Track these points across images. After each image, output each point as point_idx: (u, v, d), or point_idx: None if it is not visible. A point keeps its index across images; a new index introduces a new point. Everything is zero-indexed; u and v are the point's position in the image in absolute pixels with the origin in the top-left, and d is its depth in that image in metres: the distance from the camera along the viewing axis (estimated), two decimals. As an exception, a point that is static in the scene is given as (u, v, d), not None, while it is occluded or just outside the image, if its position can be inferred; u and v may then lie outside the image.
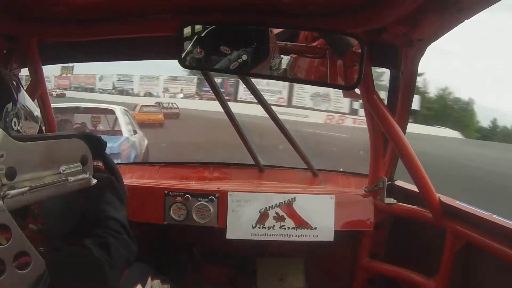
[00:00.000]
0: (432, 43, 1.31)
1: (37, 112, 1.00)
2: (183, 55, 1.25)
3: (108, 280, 0.91)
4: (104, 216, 0.99)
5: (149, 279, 1.27)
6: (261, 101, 2.01)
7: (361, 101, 1.50)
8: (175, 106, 21.38)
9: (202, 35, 1.25)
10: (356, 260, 1.86)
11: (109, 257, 0.92)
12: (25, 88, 1.56)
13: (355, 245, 1.86)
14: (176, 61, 1.26)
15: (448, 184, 3.58)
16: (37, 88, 1.59)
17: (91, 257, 0.93)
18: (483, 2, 1.06)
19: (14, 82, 0.92)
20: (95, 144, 1.15)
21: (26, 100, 0.93)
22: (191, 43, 1.25)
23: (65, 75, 30.60)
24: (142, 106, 19.16)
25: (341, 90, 1.47)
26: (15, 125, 0.87)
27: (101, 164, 1.13)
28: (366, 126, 1.71)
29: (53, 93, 24.36)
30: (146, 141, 8.21)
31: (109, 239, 0.95)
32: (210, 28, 1.25)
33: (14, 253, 0.71)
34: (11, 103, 0.88)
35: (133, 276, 1.20)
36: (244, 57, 1.21)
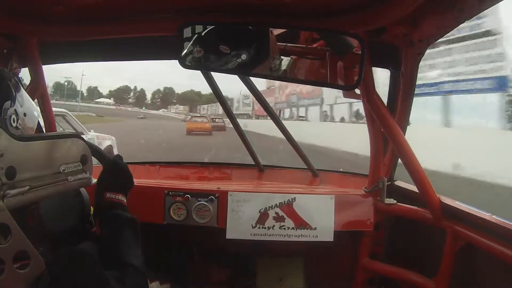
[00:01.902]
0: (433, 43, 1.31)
1: (36, 111, 0.99)
2: (183, 55, 1.25)
3: None
4: (123, 263, 0.98)
5: (147, 282, 1.27)
6: (261, 101, 2.01)
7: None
8: (222, 120, 24.04)
9: (202, 34, 1.25)
10: (356, 260, 1.86)
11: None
12: (25, 88, 1.57)
13: (355, 246, 1.86)
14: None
15: None
16: (37, 88, 1.59)
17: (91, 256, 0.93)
18: (483, 2, 1.06)
19: (13, 80, 0.92)
20: (121, 176, 1.16)
21: (24, 98, 0.93)
22: (191, 43, 1.25)
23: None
24: (192, 116, 21.29)
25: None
26: (14, 122, 0.87)
27: (124, 200, 1.12)
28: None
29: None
30: (108, 142, 8.55)
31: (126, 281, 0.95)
32: (209, 28, 1.25)
33: (13, 252, 0.71)
34: (10, 100, 0.88)
35: None
36: (244, 56, 1.21)
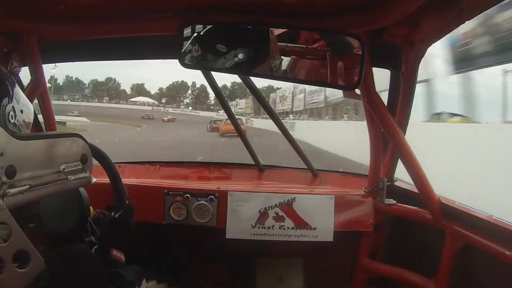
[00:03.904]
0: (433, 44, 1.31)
1: (31, 107, 1.00)
2: (183, 55, 1.25)
3: None
4: None
5: (144, 282, 1.27)
6: (261, 101, 2.01)
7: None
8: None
9: (200, 34, 1.25)
10: (356, 261, 1.86)
11: None
12: (25, 87, 1.58)
13: (354, 246, 1.86)
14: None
15: None
16: (37, 87, 1.59)
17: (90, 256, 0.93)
18: (484, 2, 1.06)
19: (10, 79, 0.92)
20: (128, 236, 1.17)
21: (20, 95, 0.94)
22: (189, 42, 1.25)
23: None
24: (226, 119, 21.79)
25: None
26: (12, 118, 0.87)
27: (123, 258, 1.13)
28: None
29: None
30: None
31: None
32: (209, 27, 1.25)
33: (13, 251, 0.71)
34: (7, 97, 0.88)
35: None
36: (240, 56, 1.21)
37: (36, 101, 1.64)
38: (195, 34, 1.25)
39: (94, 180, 0.96)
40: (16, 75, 1.57)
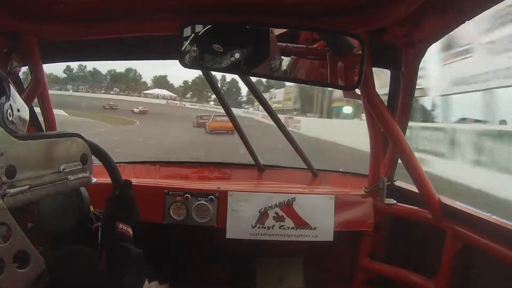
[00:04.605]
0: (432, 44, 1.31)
1: (26, 107, 1.00)
2: (183, 55, 1.25)
3: None
4: None
5: (146, 282, 1.27)
6: (261, 101, 2.01)
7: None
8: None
9: (199, 34, 1.25)
10: (356, 261, 1.86)
11: None
12: (25, 87, 1.58)
13: (354, 246, 1.86)
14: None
15: None
16: (37, 87, 1.59)
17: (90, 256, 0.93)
18: (483, 2, 1.06)
19: (6, 79, 0.93)
20: (133, 210, 1.19)
21: (16, 95, 0.94)
22: (189, 42, 1.25)
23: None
24: (215, 115, 20.39)
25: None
26: (10, 116, 0.88)
27: (130, 231, 1.14)
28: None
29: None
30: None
31: None
32: (207, 27, 1.25)
33: (13, 252, 0.71)
34: (4, 96, 0.88)
35: None
36: (237, 55, 1.21)
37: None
38: (194, 34, 1.25)
39: (94, 180, 0.96)
40: (16, 75, 1.57)
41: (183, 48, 1.25)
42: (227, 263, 1.99)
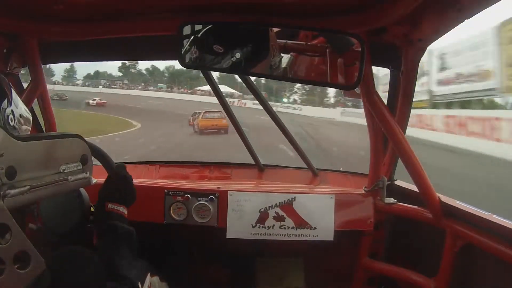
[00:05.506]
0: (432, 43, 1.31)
1: (27, 111, 1.00)
2: (183, 55, 1.25)
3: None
4: (119, 275, 1.00)
5: (148, 276, 1.27)
6: (261, 100, 2.01)
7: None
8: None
9: (199, 34, 1.25)
10: (356, 260, 1.86)
11: None
12: (25, 88, 1.58)
13: (355, 245, 1.86)
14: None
15: None
16: (37, 87, 1.59)
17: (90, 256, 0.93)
18: (483, 1, 1.06)
19: (7, 84, 0.93)
20: (126, 189, 1.18)
21: (18, 100, 0.95)
22: (189, 42, 1.25)
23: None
24: (205, 112, 18.46)
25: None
26: (11, 121, 0.88)
27: (125, 212, 1.14)
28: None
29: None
30: None
31: None
32: (207, 27, 1.25)
33: (14, 252, 0.71)
34: (6, 100, 0.88)
35: None
36: (238, 55, 1.21)
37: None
38: (194, 35, 1.25)
39: (94, 180, 0.96)
40: (16, 76, 1.57)
41: (183, 48, 1.25)
42: (227, 263, 1.99)
